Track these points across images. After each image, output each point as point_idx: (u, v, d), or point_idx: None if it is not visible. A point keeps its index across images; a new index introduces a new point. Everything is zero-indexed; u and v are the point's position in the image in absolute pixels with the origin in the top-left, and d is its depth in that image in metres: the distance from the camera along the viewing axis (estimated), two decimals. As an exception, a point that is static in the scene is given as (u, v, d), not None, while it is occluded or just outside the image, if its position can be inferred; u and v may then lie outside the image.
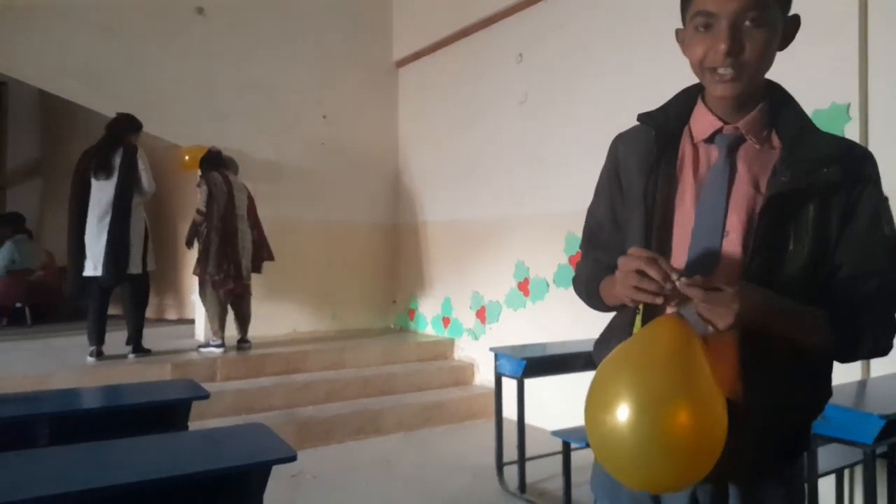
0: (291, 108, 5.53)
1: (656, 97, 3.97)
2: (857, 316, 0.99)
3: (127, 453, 1.42)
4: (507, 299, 4.81)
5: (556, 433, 2.82)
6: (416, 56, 5.86)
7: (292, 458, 1.44)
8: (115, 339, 4.34)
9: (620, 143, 1.21)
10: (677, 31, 1.10)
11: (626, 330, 1.10)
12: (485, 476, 3.42)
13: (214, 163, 4.56)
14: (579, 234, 4.55)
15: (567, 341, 3.67)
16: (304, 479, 3.38)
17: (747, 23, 0.96)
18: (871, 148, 1.08)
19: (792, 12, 1.03)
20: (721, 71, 0.99)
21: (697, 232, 1.04)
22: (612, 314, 1.24)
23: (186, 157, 4.84)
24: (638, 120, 1.16)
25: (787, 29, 1.03)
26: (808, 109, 3.04)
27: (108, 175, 4.13)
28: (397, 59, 6.09)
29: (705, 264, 1.02)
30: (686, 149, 1.10)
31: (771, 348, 0.97)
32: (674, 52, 3.45)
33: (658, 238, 1.07)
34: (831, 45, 2.88)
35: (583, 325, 4.02)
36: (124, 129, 4.30)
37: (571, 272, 4.20)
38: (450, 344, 5.39)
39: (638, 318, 1.07)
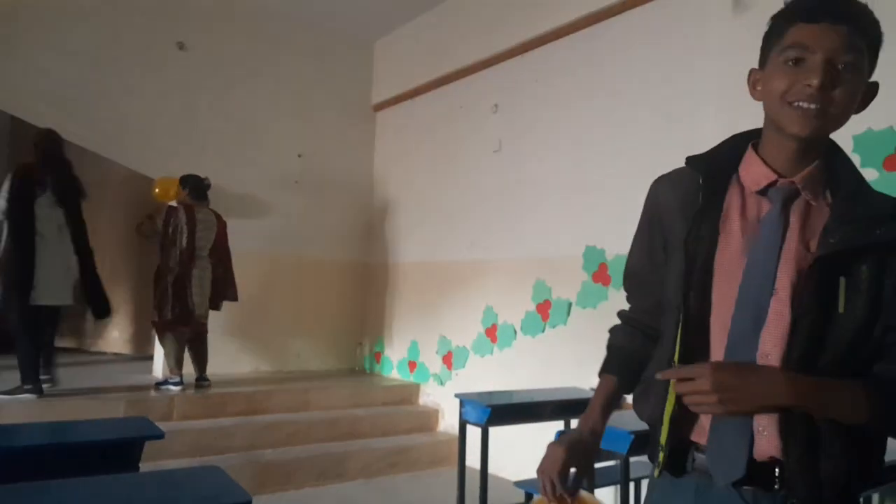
0: (267, 144, 5.55)
1: (628, 150, 4.09)
2: None
3: (73, 494, 1.35)
4: (474, 345, 4.79)
5: (519, 484, 2.79)
6: (395, 101, 5.96)
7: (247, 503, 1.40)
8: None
9: (661, 186, 1.18)
10: (751, 71, 1.07)
11: (662, 386, 1.09)
12: (446, 526, 3.34)
13: (195, 193, 4.51)
14: (548, 281, 4.58)
15: (534, 390, 3.66)
16: (258, 525, 3.25)
17: (840, 66, 0.95)
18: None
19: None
20: (804, 105, 0.96)
21: (745, 287, 1.00)
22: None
23: (157, 189, 4.79)
24: (686, 163, 1.12)
25: (867, 92, 1.01)
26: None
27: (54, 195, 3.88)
28: (375, 103, 6.18)
29: (752, 322, 0.99)
30: (734, 198, 1.06)
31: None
32: (648, 104, 3.59)
33: (697, 287, 1.04)
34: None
35: (550, 373, 4.04)
36: (57, 145, 4.06)
37: (539, 319, 4.25)
38: (415, 388, 5.32)
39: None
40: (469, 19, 5.09)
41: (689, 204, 1.08)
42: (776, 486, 0.98)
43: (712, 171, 1.08)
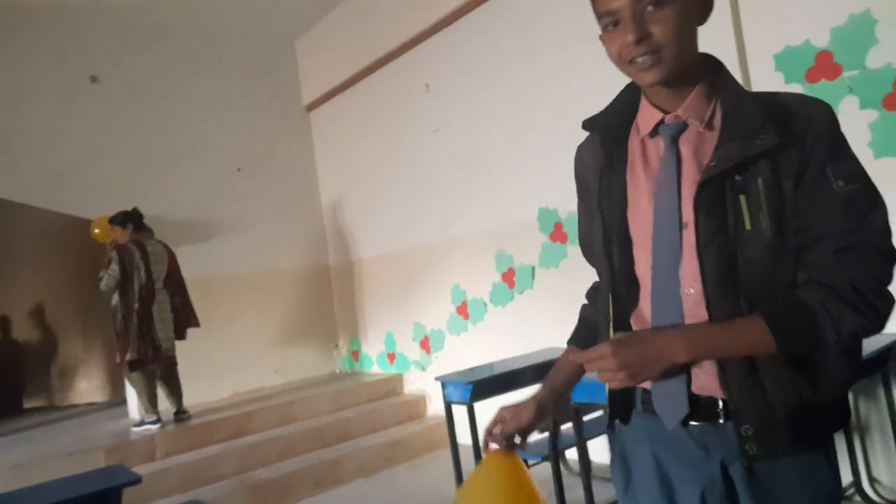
0: (204, 164, 5.39)
1: (567, 108, 4.09)
2: (804, 305, 0.91)
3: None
4: (448, 325, 4.79)
5: (512, 453, 2.79)
6: (326, 98, 5.85)
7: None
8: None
9: (579, 152, 1.21)
10: (600, 37, 1.07)
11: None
12: (450, 508, 3.35)
13: (139, 225, 4.37)
14: (509, 250, 4.60)
15: (512, 358, 3.68)
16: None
17: (649, 8, 0.95)
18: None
19: None
20: (638, 61, 0.96)
21: (657, 228, 1.01)
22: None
23: (96, 230, 4.61)
24: (582, 126, 1.14)
25: (701, 2, 1.00)
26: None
27: None
28: (307, 104, 6.06)
29: (670, 261, 1.00)
30: (635, 147, 1.08)
31: None
32: (581, 60, 3.59)
33: (618, 242, 1.06)
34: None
35: (526, 338, 4.05)
36: None
37: (506, 289, 4.26)
38: (398, 379, 5.30)
39: (611, 328, 1.09)
40: (386, 3, 5.00)
41: (598, 163, 1.10)
42: (720, 420, 0.99)
43: (608, 127, 1.11)
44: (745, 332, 0.93)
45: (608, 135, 1.10)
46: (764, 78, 2.93)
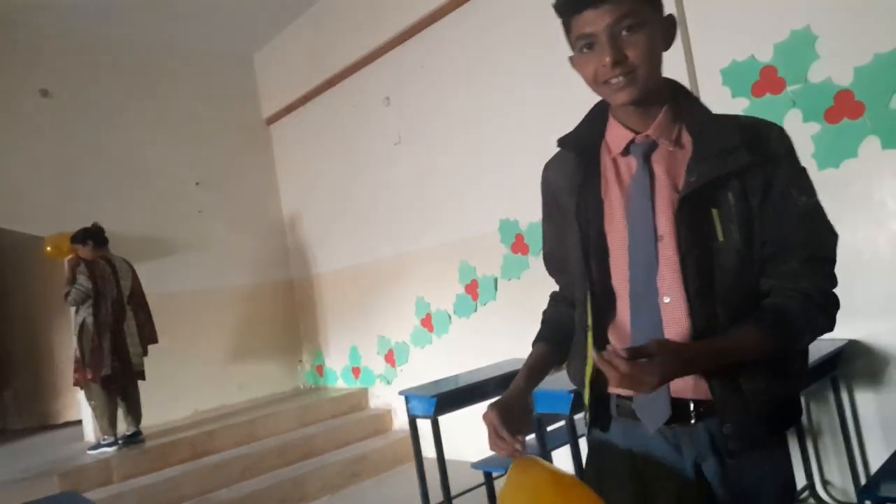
0: (161, 179, 5.29)
1: (525, 120, 4.14)
2: (787, 311, 1.00)
3: None
4: (412, 338, 4.78)
5: (476, 465, 2.80)
6: (286, 111, 5.81)
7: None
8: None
9: (549, 170, 1.24)
10: (570, 59, 1.11)
11: (581, 352, 1.15)
12: (416, 523, 3.33)
13: (99, 241, 4.26)
14: (472, 261, 4.60)
15: (476, 370, 3.69)
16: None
17: (624, 32, 1.00)
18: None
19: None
20: (613, 81, 1.02)
21: (633, 241, 1.07)
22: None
23: (49, 248, 4.48)
24: (558, 145, 1.18)
25: (666, 29, 1.06)
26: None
27: None
28: (267, 117, 6.01)
29: (646, 272, 1.05)
30: (607, 164, 1.13)
31: None
32: (537, 71, 3.65)
33: (596, 255, 1.10)
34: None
35: (490, 349, 4.07)
36: None
37: (469, 300, 4.27)
38: (363, 394, 5.26)
39: (589, 337, 1.11)
40: (345, 16, 5.02)
41: (573, 180, 1.14)
42: (692, 421, 1.06)
43: (583, 145, 1.15)
44: (746, 342, 1.00)
45: (583, 154, 1.14)
46: (712, 93, 3.01)
